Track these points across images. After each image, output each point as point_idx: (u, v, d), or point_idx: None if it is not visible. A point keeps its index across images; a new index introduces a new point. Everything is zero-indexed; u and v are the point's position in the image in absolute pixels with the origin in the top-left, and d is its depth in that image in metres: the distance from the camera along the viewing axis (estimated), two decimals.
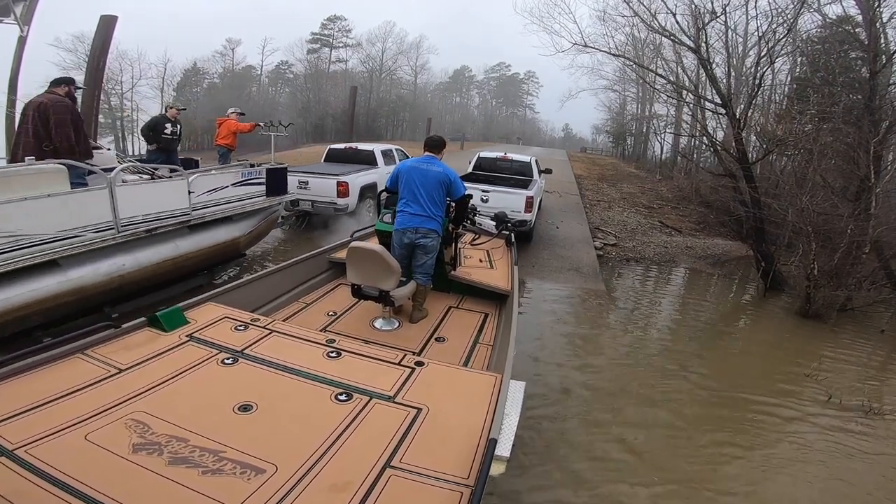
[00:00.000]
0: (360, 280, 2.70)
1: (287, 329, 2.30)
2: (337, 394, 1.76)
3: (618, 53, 9.46)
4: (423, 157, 3.18)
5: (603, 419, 3.34)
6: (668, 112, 24.34)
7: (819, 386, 4.20)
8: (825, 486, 2.90)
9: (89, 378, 1.70)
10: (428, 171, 3.06)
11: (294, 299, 3.27)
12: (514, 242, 4.62)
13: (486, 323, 3.17)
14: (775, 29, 7.26)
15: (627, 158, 33.91)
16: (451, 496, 1.32)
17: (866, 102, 6.51)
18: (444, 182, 3.07)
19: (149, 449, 1.38)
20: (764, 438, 3.36)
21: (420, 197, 3.03)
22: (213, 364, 1.91)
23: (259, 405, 1.66)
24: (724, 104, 7.38)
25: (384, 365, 2.02)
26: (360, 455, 1.45)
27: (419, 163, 3.13)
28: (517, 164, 9.11)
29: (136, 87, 32.24)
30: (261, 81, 44.71)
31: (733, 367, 4.55)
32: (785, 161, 10.49)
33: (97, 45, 8.12)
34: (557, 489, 2.60)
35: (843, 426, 3.61)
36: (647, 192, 16.56)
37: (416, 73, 49.66)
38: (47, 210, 3.28)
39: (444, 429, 1.62)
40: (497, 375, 1.97)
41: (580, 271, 6.98)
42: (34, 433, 1.39)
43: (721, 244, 10.17)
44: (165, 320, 2.12)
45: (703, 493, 2.71)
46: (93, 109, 7.98)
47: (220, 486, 1.28)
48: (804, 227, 6.13)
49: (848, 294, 6.26)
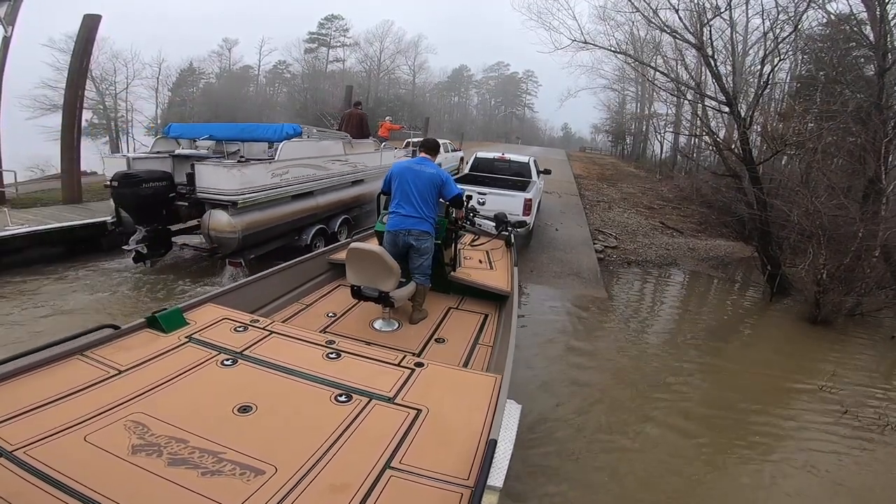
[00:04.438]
0: (359, 281, 2.69)
1: (287, 330, 2.29)
2: (337, 395, 1.76)
3: (618, 50, 9.24)
4: (418, 158, 3.20)
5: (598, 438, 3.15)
6: (668, 111, 24.18)
7: (833, 399, 4.01)
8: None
9: (89, 379, 1.70)
10: (421, 172, 3.05)
11: (294, 300, 3.25)
12: (514, 243, 4.56)
13: (485, 324, 3.13)
14: (782, 26, 7.06)
15: (627, 158, 33.77)
16: (450, 497, 1.31)
17: (875, 101, 6.30)
18: (437, 183, 3.04)
19: (148, 450, 1.38)
20: (778, 455, 3.17)
21: (413, 198, 3.01)
22: (213, 365, 1.90)
23: (259, 406, 1.65)
24: (728, 102, 7.17)
25: (384, 366, 2.01)
26: (359, 456, 1.45)
27: (413, 164, 3.12)
28: (515, 165, 8.90)
29: (130, 88, 31.95)
30: (258, 81, 44.48)
31: (743, 378, 4.35)
32: (786, 160, 10.32)
33: (79, 47, 7.87)
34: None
35: (864, 444, 3.41)
36: (648, 193, 16.39)
37: (414, 73, 49.39)
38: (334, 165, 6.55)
39: (443, 430, 1.62)
40: (497, 376, 1.96)
41: (580, 276, 6.78)
42: (34, 434, 1.39)
43: (723, 245, 9.99)
44: (165, 321, 2.11)
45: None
46: (76, 111, 7.72)
47: (220, 487, 1.27)
48: (815, 231, 5.93)
49: (857, 299, 6.07)
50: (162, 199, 5.05)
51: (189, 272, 5.59)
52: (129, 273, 5.36)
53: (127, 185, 4.75)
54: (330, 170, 6.40)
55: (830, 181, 6.90)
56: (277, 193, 5.37)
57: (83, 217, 6.44)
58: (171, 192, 5.12)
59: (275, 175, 5.30)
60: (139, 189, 4.82)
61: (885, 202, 6.01)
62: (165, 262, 5.75)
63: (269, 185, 5.24)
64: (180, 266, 5.79)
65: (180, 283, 5.21)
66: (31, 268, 5.15)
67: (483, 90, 58.43)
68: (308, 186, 5.91)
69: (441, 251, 3.37)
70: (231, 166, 4.93)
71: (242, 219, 4.90)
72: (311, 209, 5.99)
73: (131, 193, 4.81)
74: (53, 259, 5.42)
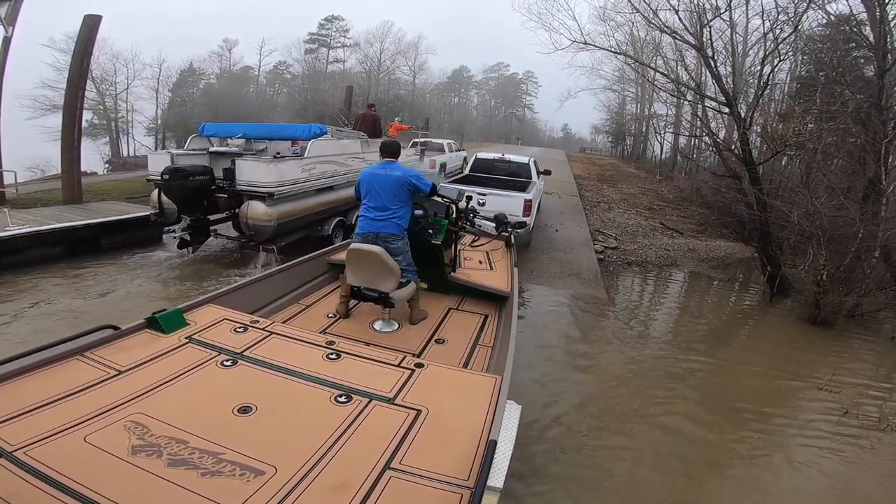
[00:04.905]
0: (359, 282, 2.69)
1: (286, 331, 2.29)
2: (336, 395, 1.76)
3: (618, 51, 9.24)
4: (382, 163, 3.18)
5: (593, 444, 3.15)
6: (668, 112, 24.18)
7: (834, 399, 4.01)
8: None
9: (89, 380, 1.70)
10: (388, 176, 3.08)
11: (293, 301, 3.26)
12: (514, 244, 4.56)
13: (485, 324, 3.13)
14: (782, 27, 7.06)
15: (627, 158, 33.76)
16: (450, 498, 1.31)
17: (875, 102, 6.30)
18: (404, 184, 3.07)
19: (148, 451, 1.38)
20: (777, 455, 3.16)
21: (380, 202, 3.07)
22: (213, 366, 1.90)
23: (258, 407, 1.65)
24: (728, 103, 7.17)
25: (384, 367, 2.01)
26: (359, 457, 1.45)
27: (377, 168, 3.16)
28: (515, 166, 8.90)
29: (130, 88, 31.94)
30: (258, 82, 44.46)
31: (742, 378, 4.35)
32: (785, 161, 10.31)
33: (79, 47, 7.86)
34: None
35: (864, 445, 3.41)
36: (648, 193, 16.39)
37: (414, 74, 49.34)
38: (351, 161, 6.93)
39: (443, 430, 1.61)
40: (497, 377, 1.95)
41: (580, 276, 6.78)
42: (33, 435, 1.39)
43: (723, 246, 9.99)
44: (165, 322, 2.11)
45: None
46: (76, 112, 7.72)
47: (220, 487, 1.27)
48: (814, 232, 5.92)
49: (857, 300, 6.07)
50: (204, 191, 5.54)
51: (224, 264, 6.10)
52: (178, 260, 6.07)
53: (176, 179, 5.24)
54: (349, 166, 6.90)
55: (830, 182, 6.89)
56: (306, 187, 5.95)
57: (135, 212, 6.83)
58: (212, 185, 5.59)
59: (304, 170, 5.88)
60: (186, 182, 5.31)
61: (885, 203, 6.01)
62: (205, 252, 6.40)
63: (300, 179, 5.82)
64: (217, 257, 6.39)
65: (222, 270, 5.81)
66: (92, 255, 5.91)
67: (483, 91, 58.43)
68: (330, 181, 6.46)
69: (441, 252, 3.37)
70: (269, 162, 5.47)
71: (277, 209, 5.42)
72: (332, 202, 6.53)
73: (179, 186, 5.29)
74: (107, 249, 6.14)
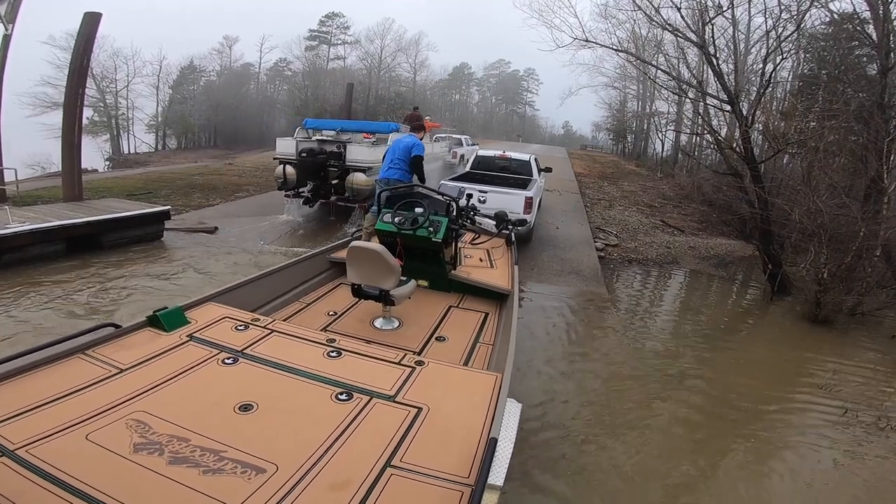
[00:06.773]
0: (360, 279, 2.70)
1: (287, 329, 2.30)
2: (337, 393, 1.76)
3: (619, 48, 9.22)
4: (406, 134, 4.84)
5: (594, 441, 3.15)
6: (670, 109, 24.10)
7: (834, 398, 4.01)
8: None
9: (90, 378, 1.70)
10: (401, 142, 5.01)
11: (294, 299, 3.26)
12: (515, 241, 4.55)
13: (486, 322, 3.14)
14: (784, 25, 7.03)
15: (628, 156, 33.67)
16: (451, 495, 1.31)
17: (878, 100, 6.28)
18: (410, 148, 4.88)
19: (149, 449, 1.38)
20: (777, 454, 3.17)
21: (393, 157, 4.97)
22: (214, 364, 1.91)
23: (259, 405, 1.66)
24: (730, 101, 7.15)
25: (384, 364, 2.01)
26: (360, 454, 1.45)
27: (399, 138, 5.09)
28: (516, 163, 8.89)
29: (131, 85, 31.92)
30: (259, 79, 44.39)
31: (742, 376, 4.35)
32: (787, 159, 10.29)
33: (80, 45, 7.85)
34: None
35: (864, 444, 3.41)
36: (649, 191, 16.36)
37: (415, 71, 49.28)
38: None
39: (444, 428, 1.62)
40: (497, 375, 1.96)
41: (581, 274, 6.78)
42: (35, 433, 1.39)
43: (724, 244, 9.97)
44: (166, 320, 2.11)
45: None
46: (76, 109, 7.71)
47: (221, 485, 1.27)
48: (816, 230, 5.91)
49: (858, 298, 6.06)
50: (322, 165, 7.92)
51: (326, 224, 8.49)
52: (300, 220, 8.64)
53: (310, 156, 7.85)
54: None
55: (832, 180, 6.88)
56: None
57: (136, 209, 7.18)
58: (327, 162, 7.91)
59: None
60: (315, 159, 7.84)
61: (886, 201, 5.99)
62: (308, 218, 8.78)
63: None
64: (321, 216, 8.86)
65: (330, 227, 8.22)
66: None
67: (484, 88, 58.32)
68: None
69: (441, 249, 3.37)
70: (370, 145, 8.05)
71: (370, 178, 7.37)
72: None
73: (312, 161, 7.82)
74: (108, 247, 6.45)
